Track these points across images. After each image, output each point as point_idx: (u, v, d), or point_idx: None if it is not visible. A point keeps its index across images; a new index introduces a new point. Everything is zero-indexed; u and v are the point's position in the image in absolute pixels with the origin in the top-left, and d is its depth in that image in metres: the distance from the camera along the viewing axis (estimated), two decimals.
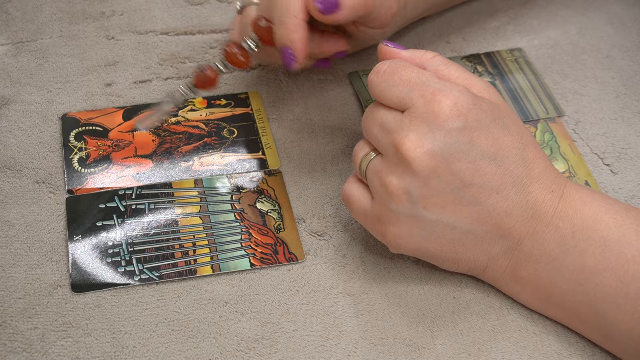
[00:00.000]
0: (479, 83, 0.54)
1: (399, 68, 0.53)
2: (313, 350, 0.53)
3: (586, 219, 0.51)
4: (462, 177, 0.51)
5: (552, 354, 0.53)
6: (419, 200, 0.51)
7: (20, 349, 0.52)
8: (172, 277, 0.56)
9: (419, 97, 0.51)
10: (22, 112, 0.66)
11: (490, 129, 0.51)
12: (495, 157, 0.51)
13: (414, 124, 0.51)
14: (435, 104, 0.51)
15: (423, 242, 0.53)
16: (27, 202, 0.60)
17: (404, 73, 0.53)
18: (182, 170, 0.62)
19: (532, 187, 0.52)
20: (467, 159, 0.51)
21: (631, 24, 0.74)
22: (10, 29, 0.72)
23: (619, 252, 0.50)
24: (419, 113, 0.51)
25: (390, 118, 0.52)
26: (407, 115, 0.51)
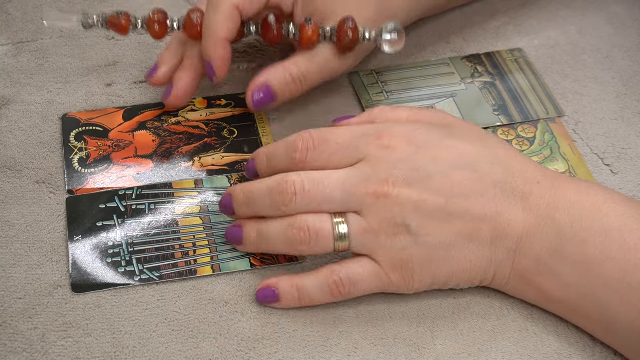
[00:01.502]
0: (427, 113, 0.55)
1: (327, 133, 0.53)
2: (313, 350, 0.53)
3: (584, 208, 0.51)
4: (442, 193, 0.51)
5: (552, 354, 0.53)
6: (419, 231, 0.51)
7: (20, 349, 0.52)
8: (172, 277, 0.56)
9: (366, 146, 0.52)
10: (22, 112, 0.66)
11: (445, 143, 0.52)
12: (465, 165, 0.52)
13: (376, 168, 0.51)
14: (384, 143, 0.52)
15: (435, 271, 0.53)
16: (27, 202, 0.60)
17: (338, 134, 0.53)
18: (182, 170, 0.62)
19: (515, 182, 0.52)
20: (438, 174, 0.51)
21: (631, 24, 0.74)
22: (10, 29, 0.72)
23: (620, 241, 0.50)
24: (374, 157, 0.52)
25: (348, 176, 0.52)
26: (364, 165, 0.52)
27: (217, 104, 0.67)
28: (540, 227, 0.51)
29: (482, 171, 0.52)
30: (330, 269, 0.53)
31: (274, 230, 0.53)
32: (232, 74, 0.69)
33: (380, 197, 0.51)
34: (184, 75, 0.63)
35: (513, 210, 0.51)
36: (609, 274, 0.50)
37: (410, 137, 0.52)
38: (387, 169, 0.51)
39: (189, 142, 0.64)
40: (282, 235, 0.53)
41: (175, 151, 0.63)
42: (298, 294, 0.53)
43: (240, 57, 0.70)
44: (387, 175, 0.51)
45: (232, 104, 0.67)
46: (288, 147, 0.54)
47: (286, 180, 0.52)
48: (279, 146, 0.55)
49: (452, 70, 0.70)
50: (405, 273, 0.52)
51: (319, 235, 0.52)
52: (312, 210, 0.52)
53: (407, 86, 0.68)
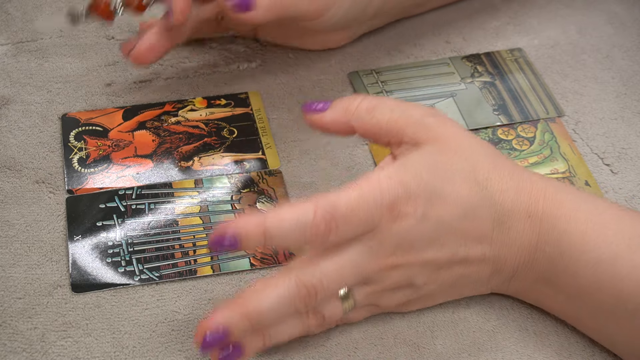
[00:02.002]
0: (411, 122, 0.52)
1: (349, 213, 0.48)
2: (313, 350, 0.53)
3: (573, 240, 0.50)
4: (448, 249, 0.51)
5: (552, 354, 0.53)
6: (422, 283, 0.52)
7: (20, 349, 0.52)
8: (172, 277, 0.56)
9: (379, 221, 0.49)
10: (22, 112, 0.66)
11: (444, 193, 0.50)
12: (464, 216, 0.50)
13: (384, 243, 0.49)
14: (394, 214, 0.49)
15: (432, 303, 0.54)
16: (27, 202, 0.60)
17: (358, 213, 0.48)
18: (182, 170, 0.62)
19: (510, 222, 0.51)
20: (443, 233, 0.50)
21: (631, 24, 0.74)
22: (10, 29, 0.72)
23: (612, 271, 0.49)
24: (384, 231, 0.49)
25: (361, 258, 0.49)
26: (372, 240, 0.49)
27: (217, 104, 0.67)
28: (534, 261, 0.51)
29: (480, 218, 0.51)
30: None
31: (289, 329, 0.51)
32: (232, 74, 0.69)
33: (388, 269, 0.51)
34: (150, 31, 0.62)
35: (509, 250, 0.52)
36: (604, 301, 0.50)
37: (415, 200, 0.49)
38: (396, 241, 0.50)
39: (189, 142, 0.64)
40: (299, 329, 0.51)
41: (175, 151, 0.63)
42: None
43: (240, 57, 0.70)
44: (395, 247, 0.50)
45: (232, 104, 0.67)
46: (305, 229, 0.47)
47: (305, 285, 0.48)
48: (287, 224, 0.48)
49: (452, 70, 0.70)
50: (401, 308, 0.54)
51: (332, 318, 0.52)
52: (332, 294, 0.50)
53: (407, 86, 0.68)
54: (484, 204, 0.51)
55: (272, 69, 0.70)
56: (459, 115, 0.66)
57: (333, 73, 0.70)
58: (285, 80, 0.69)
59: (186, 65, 0.70)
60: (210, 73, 0.69)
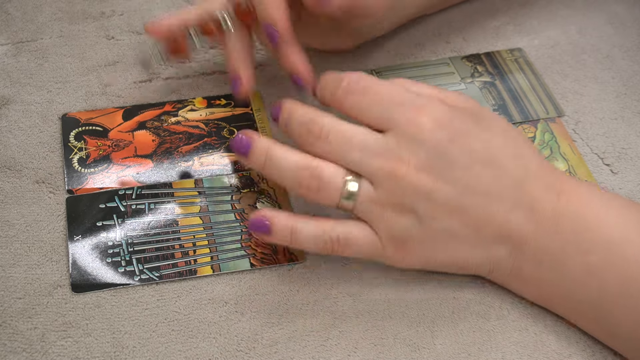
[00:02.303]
0: (451, 94, 0.54)
1: (371, 85, 0.52)
2: (313, 350, 0.53)
3: (588, 220, 0.51)
4: (461, 185, 0.51)
5: (552, 354, 0.53)
6: (425, 215, 0.51)
7: (20, 349, 0.52)
8: (172, 277, 0.56)
9: (400, 117, 0.51)
10: (22, 112, 0.66)
11: (477, 134, 0.52)
12: (490, 161, 0.51)
13: (402, 144, 0.51)
14: (418, 120, 0.51)
15: (432, 253, 0.53)
16: (27, 202, 0.60)
17: (379, 90, 0.52)
18: (182, 170, 0.62)
19: (529, 186, 0.52)
20: (462, 166, 0.51)
21: (631, 24, 0.74)
22: (10, 29, 0.72)
23: (621, 253, 0.50)
24: (404, 132, 0.51)
25: (372, 141, 0.51)
26: (391, 137, 0.51)
27: (217, 104, 0.67)
28: (545, 235, 0.51)
29: (503, 171, 0.51)
30: (330, 225, 0.52)
31: (286, 162, 0.52)
32: None
33: (395, 176, 0.50)
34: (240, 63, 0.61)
35: (523, 215, 0.51)
36: (610, 285, 0.50)
37: (446, 123, 0.51)
38: (411, 150, 0.50)
39: (189, 142, 0.64)
40: (292, 172, 0.52)
41: (175, 151, 0.63)
42: (290, 238, 0.53)
43: None
44: (409, 155, 0.50)
45: (232, 104, 0.67)
46: (335, 80, 0.54)
47: (316, 122, 0.52)
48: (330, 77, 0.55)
49: (452, 70, 0.70)
50: (401, 250, 0.52)
51: (328, 186, 0.51)
52: (331, 159, 0.52)
53: None
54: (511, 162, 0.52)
55: (272, 69, 0.70)
56: None
57: None
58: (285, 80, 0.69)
59: (186, 65, 0.70)
60: (210, 73, 0.69)
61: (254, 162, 0.53)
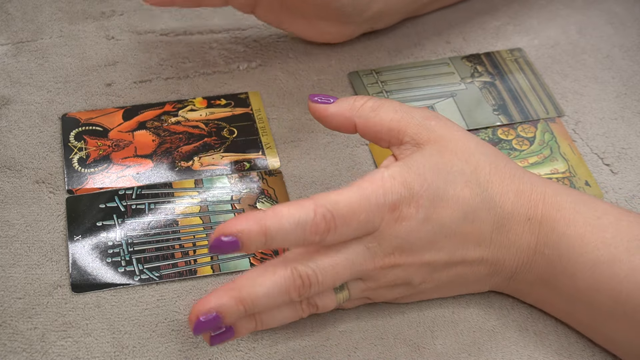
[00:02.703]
0: (413, 124, 0.52)
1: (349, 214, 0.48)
2: (313, 351, 0.53)
3: (572, 242, 0.50)
4: (446, 251, 0.51)
5: (552, 354, 0.53)
6: (418, 283, 0.52)
7: (20, 349, 0.52)
8: (172, 277, 0.56)
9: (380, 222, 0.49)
10: (22, 112, 0.66)
11: (447, 196, 0.50)
12: (464, 218, 0.51)
13: (384, 244, 0.50)
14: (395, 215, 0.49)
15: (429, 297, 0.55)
16: (27, 202, 0.60)
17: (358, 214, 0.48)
18: (182, 170, 0.62)
19: (509, 225, 0.51)
20: (442, 236, 0.51)
21: (631, 24, 0.74)
22: (10, 29, 0.72)
23: (610, 273, 0.49)
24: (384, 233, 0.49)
25: (358, 257, 0.50)
26: (372, 241, 0.50)
27: (217, 104, 0.67)
28: (533, 263, 0.52)
29: (480, 221, 0.51)
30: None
31: (282, 315, 0.51)
32: (232, 74, 0.69)
33: (385, 269, 0.51)
34: None
35: (508, 252, 0.52)
36: (602, 304, 0.50)
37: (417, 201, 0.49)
38: (395, 243, 0.50)
39: (189, 142, 0.64)
40: (292, 316, 0.51)
41: (175, 151, 0.63)
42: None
43: (240, 57, 0.70)
44: (394, 249, 0.50)
45: (232, 104, 0.67)
46: (305, 227, 0.47)
47: (300, 276, 0.48)
48: (287, 224, 0.47)
49: (452, 70, 0.70)
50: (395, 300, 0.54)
51: (325, 308, 0.52)
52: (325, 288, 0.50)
53: (407, 86, 0.68)
54: (485, 207, 0.51)
55: (272, 69, 0.70)
56: (459, 115, 0.66)
57: (333, 73, 0.70)
58: (285, 80, 0.69)
59: (186, 65, 0.70)
60: (210, 73, 0.69)
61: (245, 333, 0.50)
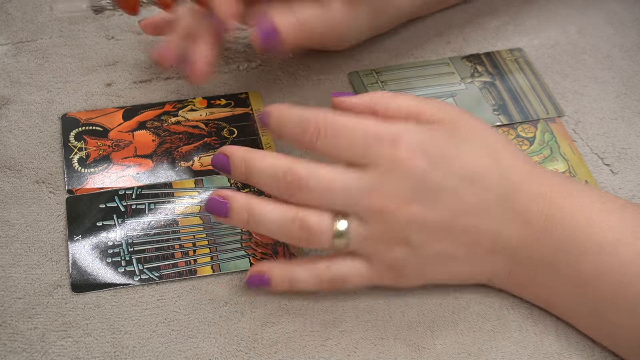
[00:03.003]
0: (429, 107, 0.53)
1: (341, 123, 0.51)
2: (313, 350, 0.53)
3: (579, 223, 0.51)
4: (448, 212, 0.51)
5: (552, 354, 0.53)
6: (418, 244, 0.51)
7: (20, 349, 0.52)
8: (172, 277, 0.56)
9: (377, 153, 0.50)
10: (22, 112, 0.66)
11: (456, 154, 0.51)
12: (472, 179, 0.51)
13: (384, 180, 0.50)
14: (396, 154, 0.50)
15: (429, 275, 0.54)
16: (27, 202, 0.60)
17: (350, 128, 0.50)
18: (182, 170, 0.62)
19: (517, 197, 0.51)
20: (446, 193, 0.51)
21: (631, 24, 0.74)
22: (10, 29, 0.72)
23: (615, 256, 0.50)
24: (384, 168, 0.50)
25: (354, 182, 0.50)
26: (373, 174, 0.50)
27: (217, 104, 0.67)
28: (538, 242, 0.51)
29: (489, 188, 0.51)
30: (324, 265, 0.53)
31: (270, 217, 0.51)
32: (232, 74, 0.69)
33: (384, 213, 0.50)
34: (201, 46, 0.61)
35: (513, 226, 0.52)
36: (605, 288, 0.50)
37: (424, 151, 0.50)
38: (395, 185, 0.50)
39: (189, 142, 0.64)
40: (279, 227, 0.52)
41: (175, 151, 0.63)
42: (289, 285, 0.53)
43: (240, 57, 0.70)
44: (394, 191, 0.50)
45: (232, 104, 0.67)
46: (301, 123, 0.51)
47: (293, 172, 0.50)
48: (291, 117, 0.52)
49: (452, 70, 0.70)
50: (398, 276, 0.53)
51: (318, 234, 0.51)
52: (312, 204, 0.51)
53: (407, 86, 0.68)
54: (493, 175, 0.51)
55: (272, 69, 0.70)
56: None
57: (333, 73, 0.70)
58: (285, 80, 0.69)
59: None
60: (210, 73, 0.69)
61: (236, 221, 0.53)
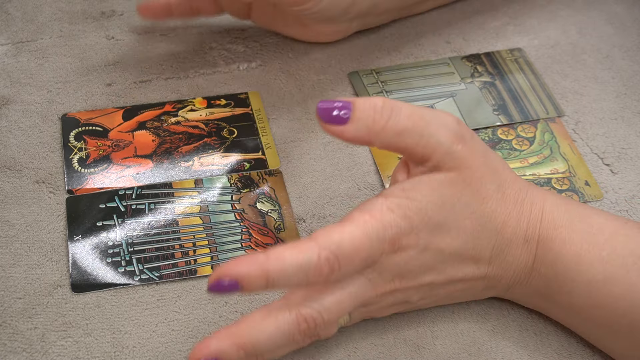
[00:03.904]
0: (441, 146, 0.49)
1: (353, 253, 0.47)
2: (313, 350, 0.53)
3: (567, 261, 0.50)
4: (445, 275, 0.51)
5: (552, 354, 0.53)
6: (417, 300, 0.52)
7: (20, 349, 0.52)
8: (172, 277, 0.56)
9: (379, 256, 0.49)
10: (22, 112, 0.66)
11: (444, 226, 0.50)
12: (464, 245, 0.50)
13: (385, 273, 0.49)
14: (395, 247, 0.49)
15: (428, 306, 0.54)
16: (27, 202, 0.60)
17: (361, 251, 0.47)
18: (182, 170, 0.62)
19: (508, 249, 0.51)
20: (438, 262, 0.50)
21: (631, 24, 0.74)
22: (10, 29, 0.72)
23: (606, 291, 0.49)
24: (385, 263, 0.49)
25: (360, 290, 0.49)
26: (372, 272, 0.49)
27: (217, 104, 0.67)
28: (529, 281, 0.52)
29: (482, 246, 0.51)
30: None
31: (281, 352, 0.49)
32: (232, 74, 0.69)
33: (386, 294, 0.51)
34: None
35: (505, 270, 0.52)
36: (598, 320, 0.50)
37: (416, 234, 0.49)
38: (395, 272, 0.50)
39: (189, 142, 0.64)
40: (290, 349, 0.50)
41: (175, 151, 0.63)
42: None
43: (240, 57, 0.70)
44: (393, 276, 0.50)
45: (232, 104, 0.67)
46: (309, 272, 0.46)
47: (306, 320, 0.48)
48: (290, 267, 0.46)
49: (452, 70, 0.70)
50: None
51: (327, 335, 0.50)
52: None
53: (407, 86, 0.68)
54: (486, 236, 0.51)
55: (272, 69, 0.70)
56: (459, 115, 0.66)
57: (333, 73, 0.70)
58: (285, 80, 0.69)
59: (186, 65, 0.70)
60: (210, 73, 0.69)
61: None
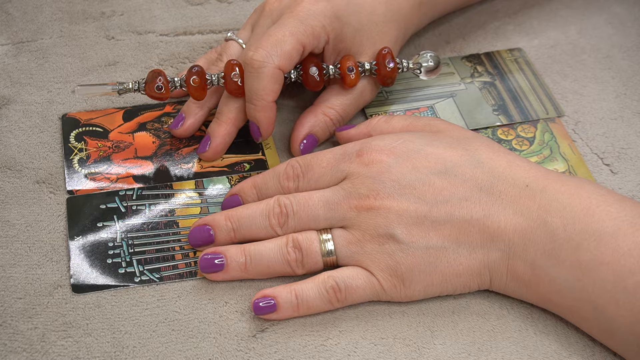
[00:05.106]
0: (420, 123, 0.58)
1: (312, 160, 0.56)
2: (313, 350, 0.53)
3: (577, 212, 0.51)
4: (425, 201, 0.52)
5: (552, 354, 0.53)
6: (404, 238, 0.52)
7: (20, 349, 0.52)
8: (172, 279, 0.56)
9: (348, 165, 0.55)
10: (22, 112, 0.66)
11: (425, 151, 0.54)
12: (445, 171, 0.53)
13: (357, 184, 0.54)
14: (364, 159, 0.54)
15: (425, 277, 0.53)
16: (27, 202, 0.60)
17: (322, 160, 0.56)
18: (182, 171, 0.62)
19: (501, 186, 0.52)
20: (419, 183, 0.53)
21: (631, 24, 0.74)
22: (10, 29, 0.72)
23: (614, 246, 0.50)
24: (355, 175, 0.54)
25: (330, 194, 0.54)
26: (346, 183, 0.54)
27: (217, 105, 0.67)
28: (533, 230, 0.51)
29: (464, 176, 0.52)
30: (326, 274, 0.54)
31: (268, 251, 0.54)
32: None
33: (362, 211, 0.53)
34: (221, 129, 0.62)
35: (502, 213, 0.52)
36: (604, 279, 0.50)
37: (390, 150, 0.54)
38: (368, 184, 0.53)
39: (189, 144, 0.64)
40: (277, 255, 0.54)
41: (175, 153, 0.63)
42: (297, 301, 0.53)
43: None
44: (368, 190, 0.53)
45: None
46: (279, 176, 0.57)
47: (279, 204, 0.55)
48: (268, 177, 0.57)
49: (452, 70, 0.70)
50: (396, 280, 0.53)
51: (309, 251, 0.54)
52: (300, 229, 0.54)
53: (407, 86, 0.68)
54: (470, 165, 0.52)
55: None
56: (459, 116, 0.66)
57: None
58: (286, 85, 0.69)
59: (186, 65, 0.70)
60: None
61: (236, 269, 0.55)
